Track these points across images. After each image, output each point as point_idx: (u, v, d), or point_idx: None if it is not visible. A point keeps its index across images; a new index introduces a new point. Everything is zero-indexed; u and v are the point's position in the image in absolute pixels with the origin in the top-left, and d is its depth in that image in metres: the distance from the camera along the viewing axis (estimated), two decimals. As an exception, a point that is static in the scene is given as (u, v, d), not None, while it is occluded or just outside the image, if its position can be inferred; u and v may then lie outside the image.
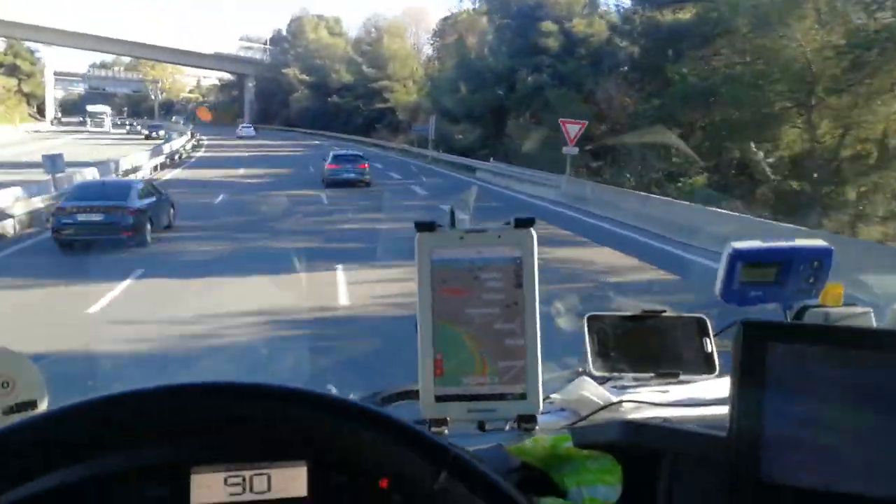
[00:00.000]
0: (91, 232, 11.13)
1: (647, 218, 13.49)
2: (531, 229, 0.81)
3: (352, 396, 0.95)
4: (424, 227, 0.81)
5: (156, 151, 29.24)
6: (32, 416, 0.54)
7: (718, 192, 19.92)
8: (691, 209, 13.16)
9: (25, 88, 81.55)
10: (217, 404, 0.57)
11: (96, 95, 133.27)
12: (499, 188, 22.34)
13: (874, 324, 1.08)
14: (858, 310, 1.08)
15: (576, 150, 18.99)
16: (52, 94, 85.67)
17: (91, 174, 19.36)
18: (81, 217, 11.21)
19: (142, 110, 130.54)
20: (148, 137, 47.65)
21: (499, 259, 0.81)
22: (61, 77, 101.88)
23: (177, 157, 32.37)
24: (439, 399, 0.81)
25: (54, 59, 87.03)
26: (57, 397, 0.85)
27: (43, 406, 0.89)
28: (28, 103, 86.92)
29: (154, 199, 12.71)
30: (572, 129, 18.70)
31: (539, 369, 0.81)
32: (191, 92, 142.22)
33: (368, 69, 55.95)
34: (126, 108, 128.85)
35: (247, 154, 37.21)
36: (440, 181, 24.44)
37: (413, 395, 0.92)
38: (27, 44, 79.66)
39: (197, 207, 16.52)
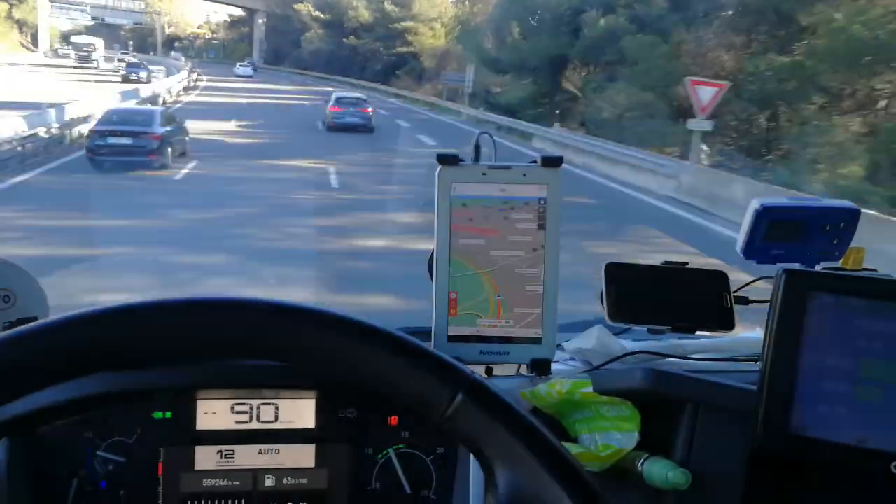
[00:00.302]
0: (121, 153, 12.05)
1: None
2: (558, 169, 0.79)
3: None
4: (446, 159, 0.78)
5: (128, 96, 24.17)
6: (31, 326, 0.46)
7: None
8: None
9: (17, 15, 74.84)
10: (230, 322, 0.50)
11: (101, 27, 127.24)
12: (575, 168, 16.06)
13: None
14: (879, 275, 0.99)
15: (709, 126, 12.97)
16: (46, 23, 78.11)
17: (13, 126, 13.64)
18: (112, 140, 12.14)
19: (147, 45, 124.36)
20: (126, 80, 39.32)
21: (523, 198, 0.78)
22: (60, 4, 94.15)
23: (159, 101, 26.58)
24: (452, 339, 0.79)
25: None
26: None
27: None
28: (21, 31, 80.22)
29: (173, 127, 13.50)
30: (705, 93, 12.52)
31: (556, 315, 0.79)
32: (199, 28, 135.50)
33: (390, 7, 49.55)
34: (132, 42, 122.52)
35: (245, 101, 31.16)
36: (493, 154, 18.18)
37: (423, 335, 0.81)
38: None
39: (143, 186, 10.94)
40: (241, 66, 57.92)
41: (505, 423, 0.51)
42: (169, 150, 12.59)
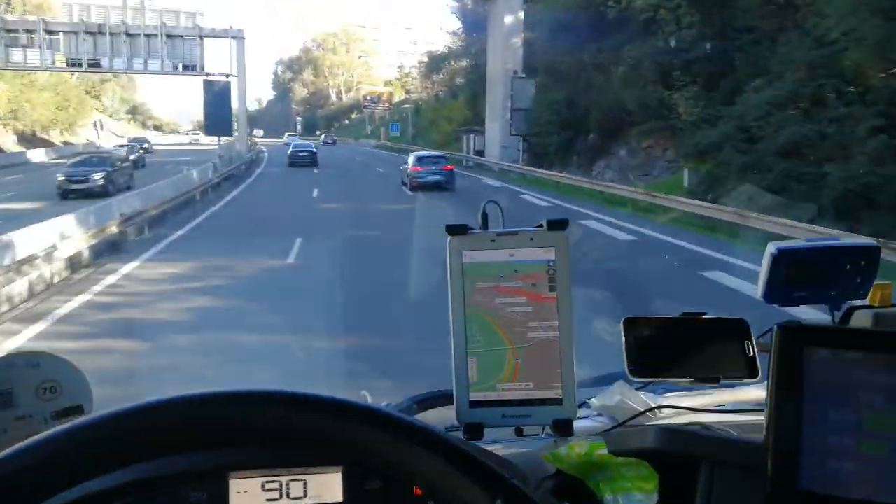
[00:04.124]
0: (302, 160, 32.96)
1: None
2: (564, 231, 0.81)
3: (385, 403, 1.03)
4: (455, 230, 0.81)
5: None
6: (79, 420, 0.52)
7: None
8: None
9: None
10: (260, 413, 0.56)
11: (275, 103, 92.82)
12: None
13: None
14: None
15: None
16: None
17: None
18: (299, 154, 33.95)
19: (318, 120, 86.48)
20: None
21: (532, 262, 0.80)
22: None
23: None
24: (474, 405, 0.80)
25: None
26: (102, 403, 0.78)
27: (89, 411, 0.88)
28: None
29: (318, 150, 35.54)
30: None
31: (574, 374, 0.80)
32: (387, 84, 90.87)
33: None
34: (301, 119, 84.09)
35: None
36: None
37: (448, 399, 0.85)
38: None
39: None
40: (289, 134, 53.76)
41: None
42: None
